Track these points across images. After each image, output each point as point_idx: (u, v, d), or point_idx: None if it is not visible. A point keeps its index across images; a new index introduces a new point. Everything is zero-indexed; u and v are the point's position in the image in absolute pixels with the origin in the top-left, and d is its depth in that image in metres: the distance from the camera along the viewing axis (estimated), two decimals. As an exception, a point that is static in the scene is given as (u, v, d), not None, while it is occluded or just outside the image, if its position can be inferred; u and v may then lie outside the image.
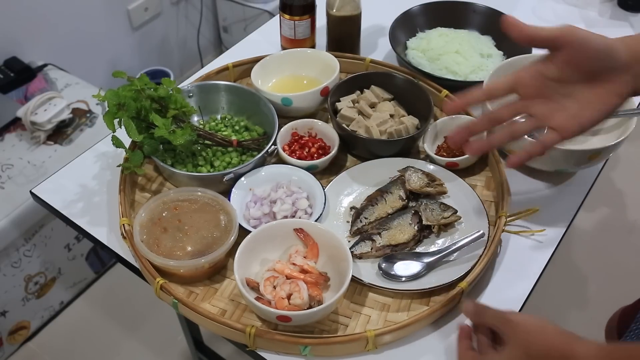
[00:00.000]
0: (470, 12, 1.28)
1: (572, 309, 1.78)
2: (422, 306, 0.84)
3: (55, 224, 1.61)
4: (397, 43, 1.22)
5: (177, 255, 0.85)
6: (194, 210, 0.90)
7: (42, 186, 1.02)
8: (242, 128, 1.05)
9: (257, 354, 0.81)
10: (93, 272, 1.85)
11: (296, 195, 0.94)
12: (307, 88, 1.05)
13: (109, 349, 1.74)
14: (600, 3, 1.43)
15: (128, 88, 0.93)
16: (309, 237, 0.87)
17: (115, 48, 2.15)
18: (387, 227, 0.91)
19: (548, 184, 1.02)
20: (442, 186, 0.96)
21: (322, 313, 0.80)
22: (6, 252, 1.52)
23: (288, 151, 1.01)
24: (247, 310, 0.84)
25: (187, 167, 0.97)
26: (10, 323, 1.65)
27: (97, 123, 1.68)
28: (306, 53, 1.15)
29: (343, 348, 0.79)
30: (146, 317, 1.80)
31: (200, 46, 2.46)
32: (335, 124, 1.02)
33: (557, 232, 0.94)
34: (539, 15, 1.39)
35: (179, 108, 0.97)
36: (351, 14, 1.17)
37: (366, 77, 1.09)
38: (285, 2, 1.13)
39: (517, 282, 0.88)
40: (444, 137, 1.05)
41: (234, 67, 1.15)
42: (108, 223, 0.96)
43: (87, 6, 1.97)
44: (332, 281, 0.84)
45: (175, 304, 0.82)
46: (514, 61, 1.09)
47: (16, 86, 1.74)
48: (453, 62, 1.17)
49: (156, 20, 2.24)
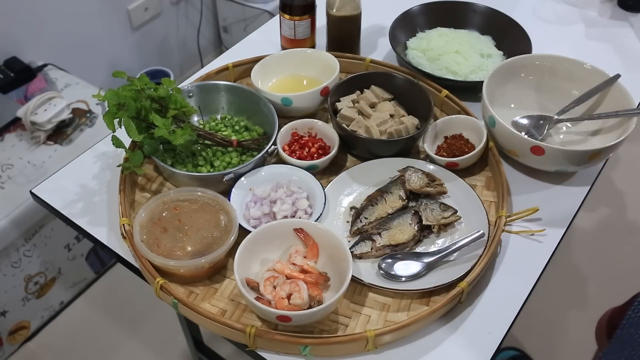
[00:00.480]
0: (470, 12, 1.28)
1: (572, 309, 1.78)
2: (422, 306, 0.84)
3: (55, 224, 1.61)
4: (397, 43, 1.22)
5: (177, 255, 0.85)
6: (194, 210, 0.90)
7: (42, 186, 1.02)
8: (242, 128, 1.05)
9: (257, 354, 0.81)
10: (93, 272, 1.85)
11: (296, 195, 0.94)
12: (307, 88, 1.05)
13: (109, 349, 1.74)
14: (600, 3, 1.43)
15: (128, 88, 0.93)
16: (309, 237, 0.87)
17: (115, 48, 2.15)
18: (387, 227, 0.91)
19: (548, 184, 1.02)
20: (442, 186, 0.96)
21: (322, 313, 0.80)
22: (6, 252, 1.52)
23: (288, 151, 1.01)
24: (247, 310, 0.84)
25: (187, 167, 0.97)
26: (10, 323, 1.65)
27: (97, 123, 1.68)
28: (306, 53, 1.15)
29: (343, 348, 0.79)
30: (146, 317, 1.80)
31: (200, 46, 2.46)
32: (335, 124, 1.02)
33: (557, 232, 0.94)
34: (539, 15, 1.39)
35: (179, 108, 0.97)
36: (351, 14, 1.17)
37: (366, 77, 1.09)
38: (285, 2, 1.13)
39: (517, 282, 0.88)
40: (444, 137, 1.05)
41: (234, 67, 1.15)
42: (108, 223, 0.96)
43: (87, 6, 1.97)
44: (332, 281, 0.84)
45: (175, 304, 0.82)
46: (514, 61, 1.09)
47: (16, 86, 1.74)
48: (453, 62, 1.17)
49: (156, 20, 2.24)
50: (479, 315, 0.84)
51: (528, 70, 1.10)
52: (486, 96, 1.00)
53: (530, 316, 1.52)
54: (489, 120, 1.00)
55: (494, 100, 1.02)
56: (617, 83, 1.04)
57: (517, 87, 1.10)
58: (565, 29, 1.37)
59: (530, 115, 1.08)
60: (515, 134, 0.97)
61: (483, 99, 1.00)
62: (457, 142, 1.03)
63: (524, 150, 0.97)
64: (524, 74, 1.10)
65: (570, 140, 1.07)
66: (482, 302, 0.86)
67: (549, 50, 1.11)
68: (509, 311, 0.85)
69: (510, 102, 1.10)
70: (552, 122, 1.07)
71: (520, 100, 1.11)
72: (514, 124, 1.07)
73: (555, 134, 1.08)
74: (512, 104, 1.10)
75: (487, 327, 0.83)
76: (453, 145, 1.02)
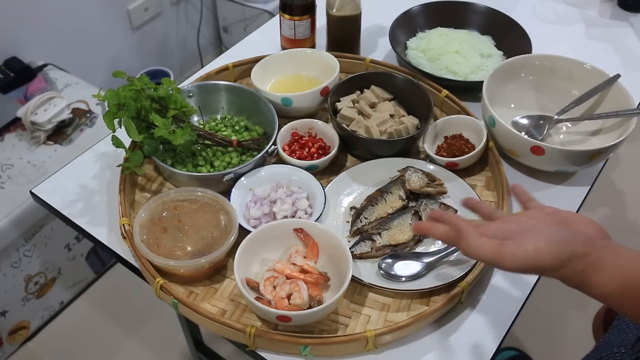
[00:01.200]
0: (470, 12, 1.28)
1: (572, 309, 1.78)
2: (422, 306, 0.84)
3: (55, 224, 1.61)
4: (397, 43, 1.21)
5: (177, 255, 0.85)
6: (194, 210, 0.90)
7: (42, 186, 1.02)
8: (242, 128, 1.05)
9: (257, 354, 0.81)
10: (93, 272, 1.85)
11: (296, 195, 0.94)
12: (307, 88, 1.05)
13: (109, 349, 1.74)
14: (600, 3, 1.43)
15: (128, 88, 0.93)
16: (309, 237, 0.87)
17: (115, 48, 2.15)
18: (387, 227, 0.91)
19: (548, 184, 1.02)
20: (442, 186, 0.96)
21: (322, 313, 0.80)
22: (6, 252, 1.52)
23: (288, 151, 1.01)
24: (247, 310, 0.84)
25: (187, 167, 0.97)
26: (10, 323, 1.65)
27: (97, 123, 1.68)
28: (306, 53, 1.15)
29: (343, 348, 0.79)
30: (146, 317, 1.80)
31: (200, 46, 2.46)
32: (335, 124, 1.02)
33: (557, 232, 0.94)
34: (539, 15, 1.39)
35: (179, 108, 0.97)
36: (351, 14, 1.17)
37: (366, 77, 1.09)
38: (285, 2, 1.13)
39: (517, 282, 0.88)
40: (444, 137, 1.05)
41: (234, 67, 1.15)
42: (108, 223, 0.96)
43: (87, 6, 1.97)
44: (332, 281, 0.84)
45: (175, 304, 0.82)
46: (514, 61, 1.09)
47: (16, 86, 1.74)
48: (453, 62, 1.17)
49: (156, 20, 2.24)
50: (479, 315, 0.84)
51: (528, 70, 1.10)
52: (486, 96, 1.00)
53: (530, 316, 1.52)
54: (489, 120, 1.00)
55: (494, 100, 1.02)
56: (617, 83, 1.04)
57: (517, 87, 1.10)
58: (565, 29, 1.37)
59: (530, 115, 1.08)
60: (515, 134, 0.97)
61: (483, 99, 1.00)
62: (457, 142, 1.03)
63: (524, 150, 0.97)
64: (524, 74, 1.10)
65: (570, 140, 1.07)
66: (482, 302, 0.86)
67: (549, 50, 1.11)
68: (509, 311, 0.85)
69: (510, 102, 1.10)
70: (552, 122, 1.07)
71: (520, 100, 1.11)
72: (514, 124, 1.07)
73: (555, 134, 1.08)
74: (512, 104, 1.10)
75: (487, 327, 0.83)
76: (453, 145, 1.02)
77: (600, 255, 0.61)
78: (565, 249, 0.62)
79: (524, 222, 0.68)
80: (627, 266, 0.60)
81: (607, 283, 0.60)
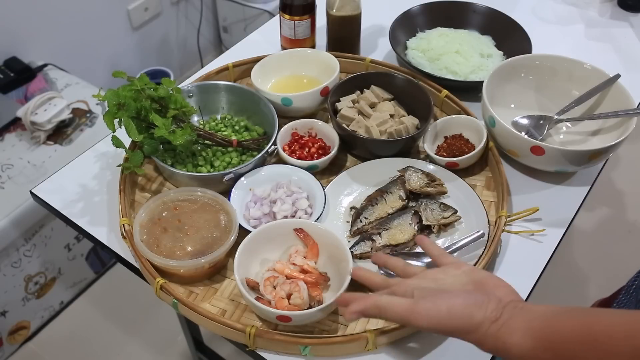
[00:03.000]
0: (470, 12, 1.28)
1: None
2: (422, 306, 0.84)
3: (55, 224, 1.61)
4: (397, 43, 1.22)
5: (177, 255, 0.85)
6: (194, 210, 0.90)
7: (42, 186, 1.02)
8: (242, 128, 1.05)
9: (257, 354, 0.81)
10: (93, 272, 1.85)
11: (296, 195, 0.94)
12: (307, 88, 1.05)
13: (109, 349, 1.74)
14: (600, 3, 1.43)
15: (128, 88, 0.93)
16: (309, 237, 0.87)
17: (115, 48, 2.15)
18: (387, 227, 0.91)
19: (548, 184, 1.02)
20: (442, 186, 0.96)
21: (322, 313, 0.80)
22: (6, 252, 1.52)
23: (288, 151, 1.01)
24: (247, 310, 0.84)
25: (187, 167, 0.97)
26: (10, 323, 1.65)
27: (97, 123, 1.68)
28: (306, 53, 1.15)
29: (343, 348, 0.79)
30: (146, 317, 1.80)
31: (200, 46, 2.46)
32: (335, 124, 1.02)
33: (557, 232, 0.94)
34: (539, 15, 1.39)
35: (179, 108, 0.97)
36: (351, 14, 1.17)
37: (366, 77, 1.09)
38: (285, 2, 1.13)
39: (517, 282, 0.87)
40: (444, 137, 1.05)
41: (234, 67, 1.15)
42: (108, 223, 0.96)
43: (87, 6, 1.97)
44: (332, 281, 0.84)
45: (175, 304, 0.82)
46: (514, 61, 1.09)
47: (16, 86, 1.74)
48: (453, 62, 1.17)
49: (156, 20, 2.24)
50: (479, 315, 0.84)
51: (528, 70, 1.10)
52: (486, 96, 1.00)
53: (530, 316, 1.52)
54: (489, 120, 1.00)
55: (494, 100, 1.02)
56: (617, 83, 1.04)
57: (517, 87, 1.10)
58: (565, 29, 1.37)
59: (530, 115, 1.08)
60: (515, 134, 0.97)
61: (483, 99, 1.00)
62: (457, 142, 1.03)
63: (524, 150, 0.97)
64: (524, 74, 1.10)
65: (570, 140, 1.07)
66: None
67: (549, 50, 1.11)
68: (509, 311, 0.85)
69: (510, 102, 1.10)
70: (552, 122, 1.07)
71: (520, 100, 1.11)
72: (514, 124, 1.07)
73: (555, 134, 1.08)
74: (512, 104, 1.10)
75: (487, 327, 0.83)
76: (453, 145, 1.02)
77: (510, 317, 0.61)
78: (477, 313, 0.62)
79: (440, 280, 0.68)
80: (538, 319, 0.60)
81: (522, 342, 0.60)
